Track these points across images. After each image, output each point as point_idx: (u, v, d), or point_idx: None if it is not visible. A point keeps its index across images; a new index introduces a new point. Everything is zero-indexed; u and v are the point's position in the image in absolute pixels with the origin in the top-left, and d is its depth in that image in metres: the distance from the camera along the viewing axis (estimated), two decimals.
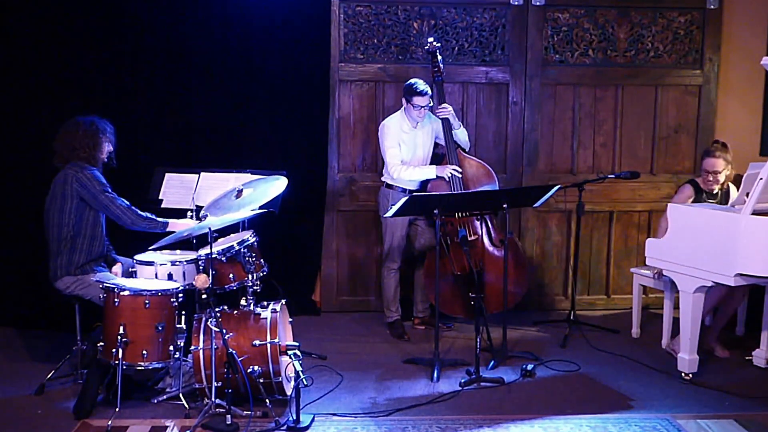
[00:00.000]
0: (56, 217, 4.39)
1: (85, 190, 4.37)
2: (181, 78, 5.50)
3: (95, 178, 4.41)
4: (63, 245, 4.38)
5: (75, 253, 4.39)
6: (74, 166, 4.42)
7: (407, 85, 5.17)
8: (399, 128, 5.22)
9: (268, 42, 5.56)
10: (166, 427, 3.92)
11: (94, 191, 4.38)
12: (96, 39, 5.39)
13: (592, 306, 6.09)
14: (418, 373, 4.69)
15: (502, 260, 4.97)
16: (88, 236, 4.43)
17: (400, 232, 5.32)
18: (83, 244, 4.42)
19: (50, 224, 4.41)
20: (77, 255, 4.40)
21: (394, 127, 5.22)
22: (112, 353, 4.00)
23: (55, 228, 4.40)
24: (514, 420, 4.03)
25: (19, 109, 5.42)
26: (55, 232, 4.40)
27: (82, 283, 4.38)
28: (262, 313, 4.19)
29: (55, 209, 4.40)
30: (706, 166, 4.94)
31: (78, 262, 4.39)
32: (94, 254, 4.46)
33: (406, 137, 5.24)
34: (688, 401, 4.29)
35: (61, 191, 4.39)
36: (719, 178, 4.92)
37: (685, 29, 5.96)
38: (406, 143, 5.25)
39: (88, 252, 4.43)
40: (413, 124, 5.24)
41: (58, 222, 4.39)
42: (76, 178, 4.37)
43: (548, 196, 4.96)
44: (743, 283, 4.29)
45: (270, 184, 4.35)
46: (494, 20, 5.85)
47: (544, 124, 5.97)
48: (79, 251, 4.40)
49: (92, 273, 4.39)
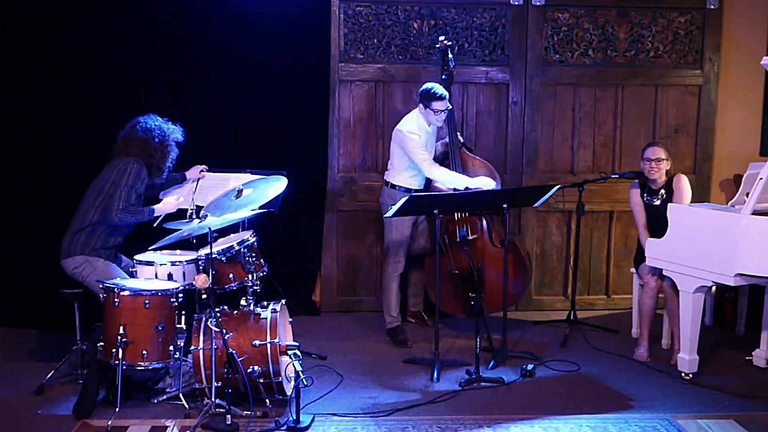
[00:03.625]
0: (92, 198, 4.49)
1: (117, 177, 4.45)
2: (181, 78, 5.49)
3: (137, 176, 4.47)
4: (86, 225, 4.46)
5: (93, 237, 4.48)
6: (135, 161, 4.50)
7: (425, 90, 5.07)
8: (417, 132, 5.10)
9: (268, 42, 5.56)
10: (166, 427, 3.92)
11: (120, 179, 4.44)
12: (96, 38, 5.39)
13: (592, 306, 6.09)
14: (418, 373, 4.69)
15: (502, 260, 4.97)
16: (108, 228, 4.49)
17: (407, 231, 5.27)
18: (102, 233, 4.49)
19: (84, 201, 4.52)
20: (94, 239, 4.48)
21: (415, 131, 5.09)
22: (112, 353, 4.00)
23: (86, 206, 4.50)
24: (514, 420, 4.03)
25: (18, 109, 5.41)
26: (84, 210, 4.49)
27: (89, 266, 4.43)
28: (262, 313, 4.19)
29: (94, 190, 4.51)
30: (647, 154, 5.00)
31: (94, 245, 4.47)
32: (110, 244, 4.53)
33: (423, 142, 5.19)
34: (688, 401, 4.29)
35: (107, 176, 4.50)
36: (661, 166, 4.95)
37: (685, 29, 5.96)
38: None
39: (105, 240, 4.50)
40: (429, 126, 5.20)
41: (91, 203, 4.48)
42: (126, 167, 4.46)
43: (548, 196, 4.96)
44: (743, 283, 4.29)
45: (270, 184, 4.35)
46: (494, 20, 5.85)
47: (544, 124, 5.97)
48: (97, 237, 4.48)
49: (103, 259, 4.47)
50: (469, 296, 4.83)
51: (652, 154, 4.97)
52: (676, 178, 4.99)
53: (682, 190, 4.94)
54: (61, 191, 5.31)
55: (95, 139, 5.25)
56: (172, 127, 4.71)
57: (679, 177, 5.00)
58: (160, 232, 4.38)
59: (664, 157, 4.96)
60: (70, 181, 5.21)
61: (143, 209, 4.53)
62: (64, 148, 5.41)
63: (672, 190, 4.97)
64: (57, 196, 5.35)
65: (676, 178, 4.99)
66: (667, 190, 4.99)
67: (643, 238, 4.99)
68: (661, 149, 4.98)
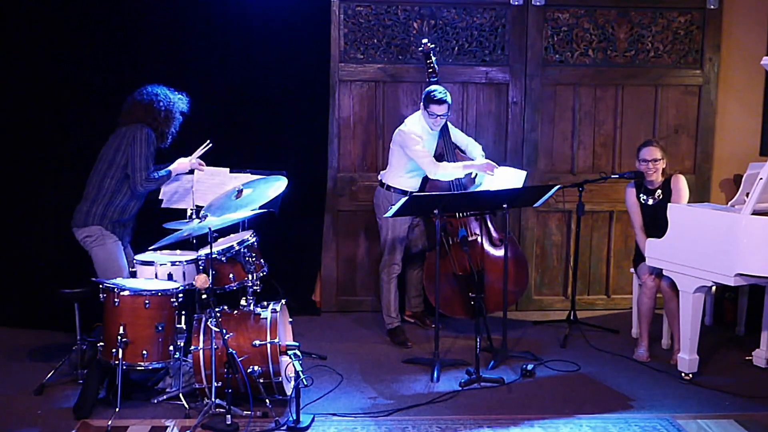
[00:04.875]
0: (105, 167, 4.55)
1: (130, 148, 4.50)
2: (181, 78, 5.48)
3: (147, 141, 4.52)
4: (102, 195, 4.52)
5: (110, 208, 4.54)
6: (141, 127, 4.54)
7: (426, 92, 5.09)
8: (420, 134, 5.11)
9: (268, 42, 5.56)
10: (166, 427, 3.92)
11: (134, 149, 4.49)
12: (95, 38, 5.39)
13: (592, 306, 6.09)
14: (418, 373, 4.69)
15: (502, 260, 4.97)
16: (125, 198, 4.56)
17: (402, 232, 5.28)
18: (119, 204, 4.55)
19: (96, 170, 4.57)
20: (111, 211, 4.53)
21: (417, 132, 5.10)
22: (112, 353, 4.01)
23: (100, 175, 4.55)
24: (514, 420, 4.03)
25: (17, 109, 5.41)
26: (98, 179, 4.55)
27: (101, 239, 4.51)
28: (262, 313, 4.19)
29: (106, 159, 4.56)
30: (644, 155, 4.97)
31: (111, 216, 4.53)
32: (125, 217, 4.59)
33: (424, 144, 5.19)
34: (688, 401, 4.29)
35: (117, 144, 4.55)
36: (658, 166, 4.94)
37: (685, 29, 5.96)
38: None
39: (121, 212, 4.56)
40: (431, 130, 5.18)
41: (104, 172, 4.54)
42: (134, 135, 4.51)
43: (548, 196, 4.96)
44: (743, 283, 4.30)
45: (270, 184, 4.35)
46: (494, 20, 5.85)
47: (544, 124, 5.97)
48: (114, 208, 4.54)
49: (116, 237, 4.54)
50: (470, 297, 4.83)
51: (649, 154, 4.94)
52: (674, 178, 4.98)
53: (681, 191, 4.94)
54: (61, 191, 5.30)
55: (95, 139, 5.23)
56: (179, 96, 4.79)
57: (677, 177, 4.98)
58: (160, 232, 4.38)
59: (660, 157, 4.95)
60: (71, 180, 5.20)
61: (162, 174, 4.62)
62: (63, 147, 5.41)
63: (669, 191, 4.96)
64: (57, 195, 5.34)
65: (674, 178, 4.98)
66: (664, 191, 4.98)
67: (639, 240, 5.00)
68: (656, 149, 4.96)
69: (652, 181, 4.99)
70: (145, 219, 4.80)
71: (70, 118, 5.41)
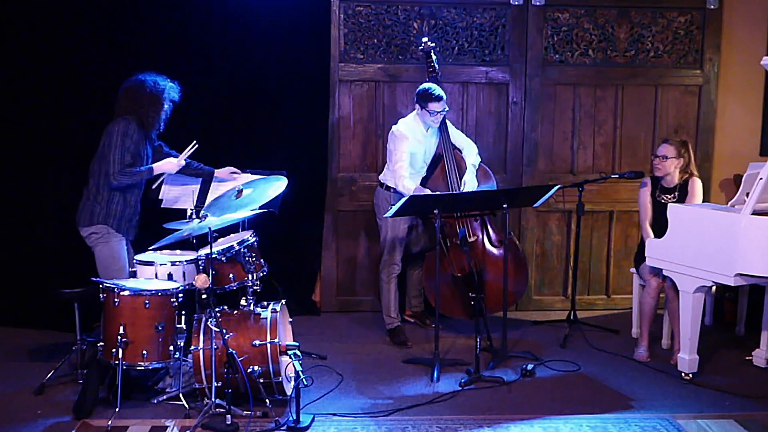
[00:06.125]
0: (96, 164, 4.50)
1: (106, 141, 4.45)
2: (180, 78, 5.48)
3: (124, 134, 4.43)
4: (100, 195, 4.47)
5: (111, 205, 4.48)
6: (120, 120, 4.48)
7: (422, 90, 5.08)
8: (414, 137, 5.11)
9: (268, 42, 5.56)
10: (166, 427, 3.92)
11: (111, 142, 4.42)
12: (96, 37, 5.39)
13: (592, 306, 6.09)
14: (418, 373, 4.69)
15: (502, 260, 4.97)
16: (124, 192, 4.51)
17: (402, 233, 5.28)
18: (119, 199, 4.50)
19: (92, 170, 4.53)
20: (114, 207, 4.48)
21: (410, 135, 5.08)
22: (112, 353, 4.01)
23: (95, 174, 4.50)
24: (514, 420, 4.03)
25: (16, 109, 5.41)
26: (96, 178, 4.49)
27: (106, 237, 4.47)
28: (262, 313, 4.19)
29: (98, 157, 4.51)
30: (655, 150, 5.03)
31: (115, 214, 4.49)
32: (128, 213, 4.55)
33: (419, 146, 5.17)
34: (688, 401, 4.30)
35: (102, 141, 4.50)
36: (665, 164, 4.93)
37: (685, 29, 5.96)
38: (420, 150, 5.19)
39: (123, 207, 4.52)
40: (427, 130, 5.19)
41: (96, 169, 4.50)
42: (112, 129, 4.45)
43: (548, 196, 4.96)
44: (743, 283, 4.29)
45: (270, 184, 4.35)
46: (494, 20, 5.85)
47: (544, 124, 5.97)
48: (115, 205, 4.49)
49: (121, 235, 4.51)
50: (470, 297, 4.83)
51: (659, 150, 4.98)
52: (692, 180, 4.98)
53: (695, 194, 4.92)
54: (62, 191, 5.31)
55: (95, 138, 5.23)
56: (170, 84, 4.67)
57: (694, 180, 4.97)
58: (160, 232, 4.38)
59: (671, 156, 4.93)
60: (71, 180, 5.21)
61: (141, 169, 4.52)
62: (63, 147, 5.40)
63: (686, 192, 4.96)
64: (57, 195, 5.35)
65: (692, 180, 4.98)
66: (680, 192, 4.98)
67: (645, 233, 4.97)
68: (670, 147, 4.95)
69: (668, 179, 4.99)
70: (145, 219, 4.79)
71: (69, 116, 5.40)
